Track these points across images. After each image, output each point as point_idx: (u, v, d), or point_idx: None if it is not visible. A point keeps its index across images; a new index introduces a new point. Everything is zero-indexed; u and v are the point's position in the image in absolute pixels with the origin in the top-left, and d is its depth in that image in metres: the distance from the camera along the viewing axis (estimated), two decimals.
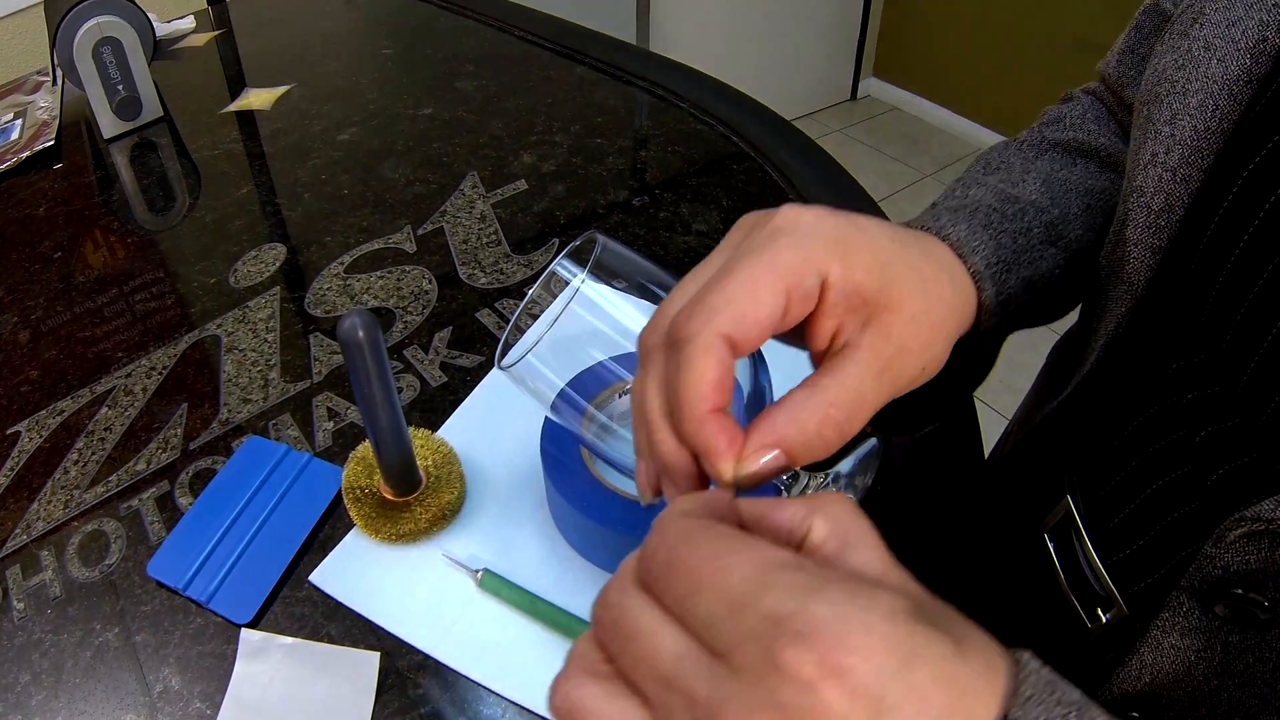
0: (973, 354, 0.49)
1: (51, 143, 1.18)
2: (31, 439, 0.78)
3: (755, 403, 0.51)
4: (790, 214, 0.38)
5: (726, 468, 0.35)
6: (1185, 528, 0.44)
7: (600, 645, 0.30)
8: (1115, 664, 0.45)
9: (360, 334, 0.55)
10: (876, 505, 0.63)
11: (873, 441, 0.52)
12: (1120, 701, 0.46)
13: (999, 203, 0.51)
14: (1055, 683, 0.27)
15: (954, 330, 0.43)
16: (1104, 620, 0.48)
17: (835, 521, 0.30)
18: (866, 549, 0.29)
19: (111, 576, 0.68)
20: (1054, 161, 0.58)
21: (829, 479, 0.57)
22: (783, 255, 0.36)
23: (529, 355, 0.50)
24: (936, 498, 0.70)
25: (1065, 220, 0.52)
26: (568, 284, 0.50)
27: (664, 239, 0.95)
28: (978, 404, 0.67)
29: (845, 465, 0.56)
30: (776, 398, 0.39)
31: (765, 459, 0.36)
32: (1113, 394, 0.51)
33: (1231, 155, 0.43)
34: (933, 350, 0.41)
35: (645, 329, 0.39)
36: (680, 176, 1.06)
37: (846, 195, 1.00)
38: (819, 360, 0.40)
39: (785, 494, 0.51)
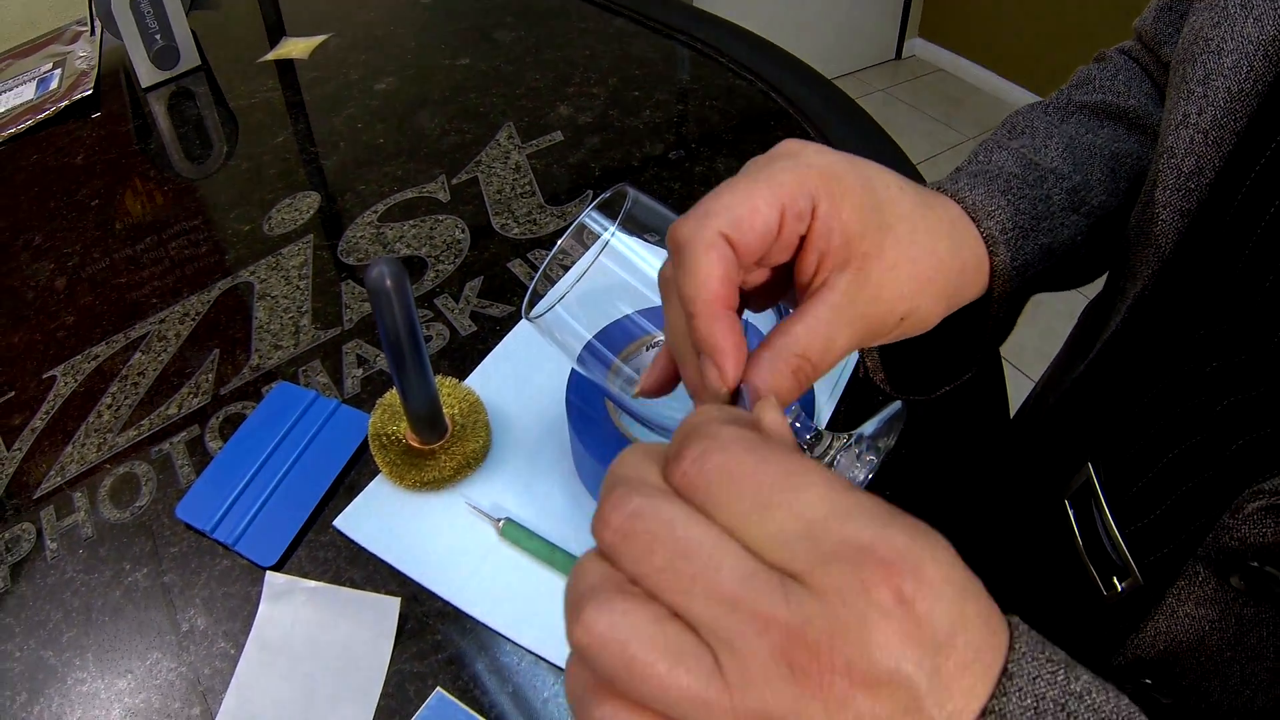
0: (989, 317, 0.48)
1: (90, 92, 1.19)
2: (67, 383, 0.79)
3: None
4: (791, 145, 0.38)
5: (729, 370, 0.34)
6: (1202, 497, 0.43)
7: (617, 567, 0.27)
8: (1130, 630, 0.45)
9: (388, 282, 0.55)
10: (900, 465, 0.62)
11: (897, 404, 0.51)
12: (1134, 666, 0.45)
13: (1020, 169, 0.50)
14: (1043, 642, 0.28)
15: (946, 288, 0.42)
16: (1119, 589, 0.48)
17: None
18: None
19: (142, 518, 0.68)
20: (1079, 125, 0.56)
21: (852, 439, 0.56)
22: (778, 176, 0.36)
23: (557, 306, 0.50)
24: (959, 458, 0.69)
25: (1087, 187, 0.51)
26: (597, 236, 0.50)
27: (699, 194, 0.92)
28: (1009, 369, 0.65)
29: (868, 427, 0.55)
30: None
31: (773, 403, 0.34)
32: (1137, 359, 0.50)
33: (1265, 119, 0.42)
34: (914, 303, 0.40)
35: (661, 267, 0.39)
36: (717, 132, 1.04)
37: (884, 157, 0.98)
38: (801, 297, 0.39)
39: (808, 453, 0.50)
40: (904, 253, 0.39)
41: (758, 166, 0.37)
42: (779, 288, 0.41)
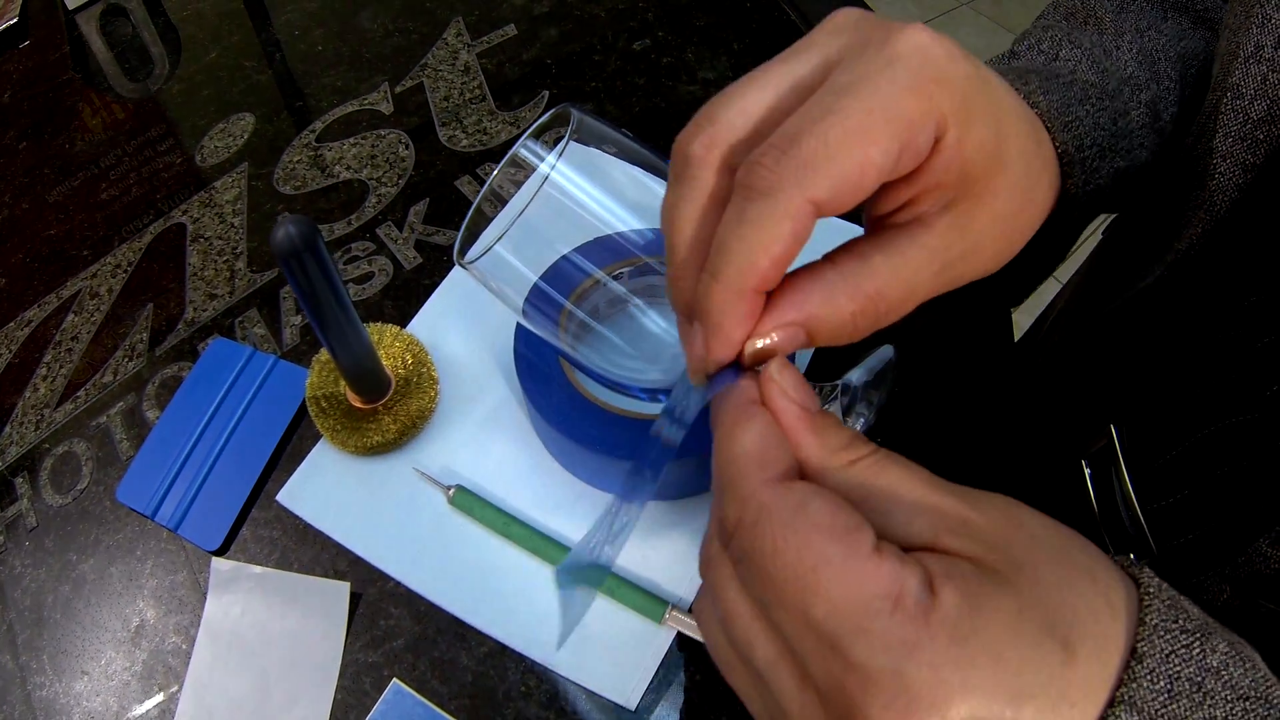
0: (1039, 252, 0.39)
1: (15, 20, 1.10)
2: (1, 355, 0.74)
3: None
4: (917, 39, 0.28)
5: (717, 352, 0.28)
6: (1237, 486, 0.37)
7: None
8: None
9: (298, 243, 0.47)
10: (893, 403, 0.55)
11: (886, 350, 0.45)
12: None
13: (1099, 75, 0.40)
14: (1178, 605, 0.25)
15: (1031, 233, 0.33)
16: None
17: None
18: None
19: (84, 503, 0.64)
20: (1143, 16, 0.46)
21: (837, 390, 0.49)
22: (904, 102, 0.27)
23: (495, 246, 0.43)
24: (960, 397, 0.63)
25: (1163, 99, 0.42)
26: (533, 169, 0.43)
27: (666, 88, 0.84)
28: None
29: (855, 375, 0.49)
30: None
31: (779, 338, 0.28)
32: (1173, 320, 0.42)
33: None
34: (1003, 257, 0.32)
35: (686, 134, 0.30)
36: (686, 15, 0.94)
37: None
38: (873, 224, 0.31)
39: None
40: (1013, 200, 0.31)
41: (874, 72, 0.27)
42: None
